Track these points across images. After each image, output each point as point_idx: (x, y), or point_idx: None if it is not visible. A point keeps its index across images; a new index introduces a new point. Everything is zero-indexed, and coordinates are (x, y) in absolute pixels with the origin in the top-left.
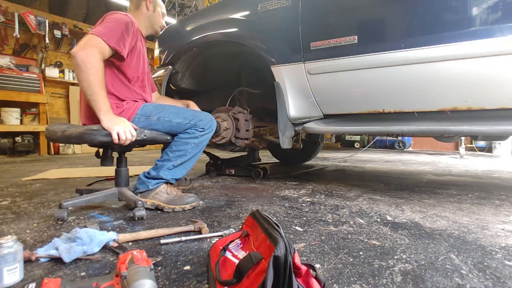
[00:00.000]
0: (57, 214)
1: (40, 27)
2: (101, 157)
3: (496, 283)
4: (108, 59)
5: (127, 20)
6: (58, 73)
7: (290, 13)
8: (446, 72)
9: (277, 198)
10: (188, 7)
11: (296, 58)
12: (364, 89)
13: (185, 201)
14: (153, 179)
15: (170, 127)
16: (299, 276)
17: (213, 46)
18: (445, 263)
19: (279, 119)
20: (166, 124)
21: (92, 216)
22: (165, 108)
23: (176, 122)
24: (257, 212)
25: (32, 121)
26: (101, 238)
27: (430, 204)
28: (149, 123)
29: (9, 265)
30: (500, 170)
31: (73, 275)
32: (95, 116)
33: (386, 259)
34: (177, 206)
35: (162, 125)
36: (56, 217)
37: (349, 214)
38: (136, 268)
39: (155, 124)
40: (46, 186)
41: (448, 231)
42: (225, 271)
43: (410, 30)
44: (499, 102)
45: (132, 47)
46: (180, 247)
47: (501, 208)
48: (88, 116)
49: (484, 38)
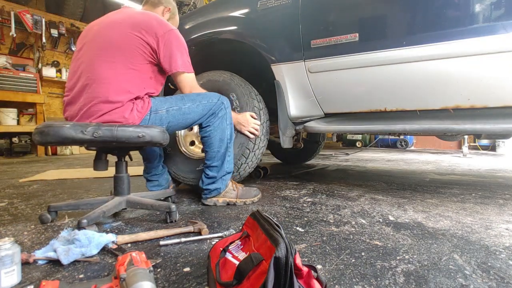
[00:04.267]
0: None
1: (37, 26)
2: (94, 160)
3: (500, 283)
4: (156, 64)
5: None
6: (55, 73)
7: (290, 10)
8: (448, 70)
9: (278, 198)
10: (187, 5)
11: (296, 56)
12: (366, 87)
13: (253, 194)
14: (218, 179)
15: (183, 115)
16: (300, 277)
17: (212, 45)
18: (448, 263)
19: (280, 118)
20: (176, 113)
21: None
22: (168, 98)
23: (186, 108)
24: (257, 212)
25: (29, 121)
26: (100, 240)
27: (433, 203)
28: (159, 118)
29: (7, 268)
30: (504, 169)
31: (71, 278)
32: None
33: (388, 260)
34: (247, 199)
35: (173, 116)
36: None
37: (351, 214)
38: (135, 270)
39: (165, 118)
40: (43, 187)
41: (452, 231)
42: (225, 272)
43: (412, 27)
44: (502, 100)
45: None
46: (179, 248)
47: (505, 207)
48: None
49: (486, 35)
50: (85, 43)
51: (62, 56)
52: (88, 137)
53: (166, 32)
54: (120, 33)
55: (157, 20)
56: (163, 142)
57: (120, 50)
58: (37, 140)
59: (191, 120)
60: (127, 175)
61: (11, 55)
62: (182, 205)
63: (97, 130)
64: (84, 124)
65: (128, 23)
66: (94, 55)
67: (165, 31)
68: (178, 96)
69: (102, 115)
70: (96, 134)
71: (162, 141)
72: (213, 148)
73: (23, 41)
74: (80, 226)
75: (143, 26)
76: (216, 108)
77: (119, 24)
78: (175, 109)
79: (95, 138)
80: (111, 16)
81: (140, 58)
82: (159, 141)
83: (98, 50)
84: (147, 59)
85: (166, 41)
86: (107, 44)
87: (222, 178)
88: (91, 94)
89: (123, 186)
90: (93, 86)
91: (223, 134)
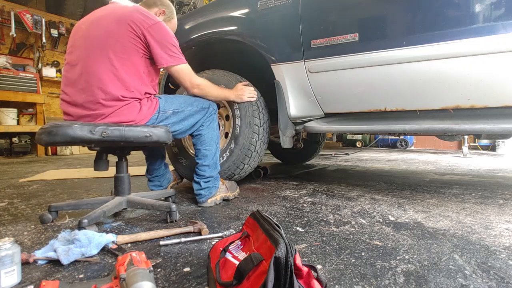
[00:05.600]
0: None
1: (37, 26)
2: (95, 160)
3: (500, 283)
4: (149, 58)
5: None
6: (55, 73)
7: (290, 10)
8: (448, 70)
9: (278, 199)
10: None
11: (296, 56)
12: (366, 87)
13: (235, 187)
14: (214, 178)
15: (184, 118)
16: (300, 277)
17: (212, 45)
18: (448, 263)
19: (280, 118)
20: (181, 116)
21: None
22: (175, 98)
23: (188, 111)
24: (257, 212)
25: (29, 121)
26: (100, 240)
27: (433, 203)
28: (165, 117)
29: (7, 268)
30: (504, 169)
31: (71, 278)
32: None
33: (388, 260)
34: (235, 192)
35: (177, 118)
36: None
37: (351, 214)
38: (135, 270)
39: (170, 119)
40: (43, 187)
41: (452, 231)
42: (225, 272)
43: (412, 27)
44: (502, 100)
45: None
46: (179, 248)
47: (505, 207)
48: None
49: (487, 35)
50: (74, 45)
51: (62, 56)
52: (96, 137)
53: (152, 25)
54: (107, 29)
55: (140, 12)
56: (168, 141)
57: (110, 45)
58: (44, 140)
59: (189, 124)
60: (127, 175)
61: (11, 55)
62: (182, 205)
63: (106, 130)
64: (93, 124)
65: (112, 18)
66: (86, 55)
67: (151, 24)
68: (180, 98)
69: (109, 114)
70: (104, 134)
71: (168, 140)
72: (206, 147)
73: (23, 41)
74: (81, 226)
75: (128, 19)
76: (209, 113)
77: (105, 20)
78: (179, 111)
79: (104, 138)
80: (97, 13)
81: (132, 51)
82: (165, 140)
83: (89, 50)
84: (140, 52)
85: (153, 34)
86: (99, 42)
87: (216, 176)
88: (91, 94)
89: (124, 186)
90: (92, 86)
91: (213, 134)
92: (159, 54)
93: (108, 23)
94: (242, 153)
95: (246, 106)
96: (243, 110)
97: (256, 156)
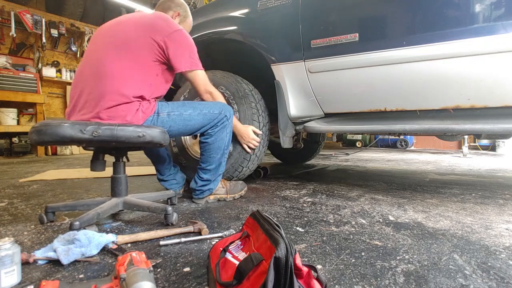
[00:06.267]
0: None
1: (37, 26)
2: (91, 161)
3: (500, 283)
4: (164, 63)
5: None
6: (55, 73)
7: (290, 10)
8: (448, 70)
9: (278, 199)
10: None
11: (296, 56)
12: (366, 87)
13: (239, 188)
14: (211, 181)
15: (184, 121)
16: (300, 277)
17: (212, 45)
18: (448, 263)
19: (280, 118)
20: (177, 119)
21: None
22: (170, 103)
23: (187, 114)
24: (257, 212)
25: (29, 121)
26: (100, 240)
27: (433, 203)
28: (161, 120)
29: (7, 268)
30: (504, 169)
31: (71, 278)
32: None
33: (388, 260)
34: (236, 194)
35: (174, 121)
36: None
37: (351, 214)
38: (135, 270)
39: (166, 121)
40: (43, 187)
41: (452, 231)
42: (225, 272)
43: (412, 27)
44: (502, 100)
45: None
46: (179, 248)
47: (505, 207)
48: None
49: (487, 35)
50: (95, 43)
51: (62, 56)
52: (87, 136)
53: (173, 32)
54: (127, 32)
55: (163, 19)
56: (163, 142)
57: (127, 47)
58: (34, 139)
59: (191, 127)
60: (124, 176)
61: (11, 55)
62: (182, 205)
63: (97, 129)
64: (83, 123)
65: (135, 23)
66: (103, 53)
67: (172, 31)
68: (180, 102)
69: (108, 108)
70: (95, 133)
71: (163, 141)
72: (210, 154)
73: (23, 41)
74: (73, 229)
75: (149, 25)
76: (218, 120)
77: (127, 24)
78: (176, 114)
79: (94, 138)
80: (121, 18)
81: (147, 55)
82: (160, 141)
83: (107, 50)
84: (155, 57)
85: (173, 40)
86: (117, 42)
87: (215, 180)
88: (98, 87)
89: (120, 187)
90: (101, 80)
91: (221, 143)
92: (178, 59)
93: (129, 26)
94: (240, 156)
95: (246, 109)
96: (242, 113)
97: (255, 159)
